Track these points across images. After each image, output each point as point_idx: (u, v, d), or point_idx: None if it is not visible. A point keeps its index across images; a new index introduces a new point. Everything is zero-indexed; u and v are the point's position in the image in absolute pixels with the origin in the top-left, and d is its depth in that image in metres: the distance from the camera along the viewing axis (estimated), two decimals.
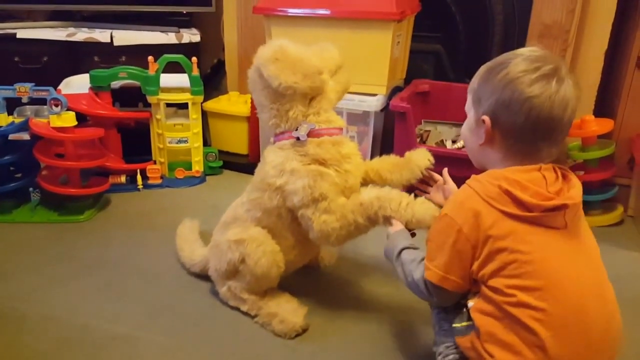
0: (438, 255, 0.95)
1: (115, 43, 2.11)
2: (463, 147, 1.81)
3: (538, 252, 0.89)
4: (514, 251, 0.88)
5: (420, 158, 1.26)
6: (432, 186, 1.27)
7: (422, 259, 1.00)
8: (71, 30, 2.14)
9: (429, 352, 1.15)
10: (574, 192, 0.93)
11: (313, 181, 1.13)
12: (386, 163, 1.28)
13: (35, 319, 1.22)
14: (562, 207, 0.91)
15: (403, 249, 1.06)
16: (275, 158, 1.18)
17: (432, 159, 1.26)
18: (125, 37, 2.13)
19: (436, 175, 1.26)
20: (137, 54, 2.06)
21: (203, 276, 1.36)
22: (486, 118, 0.95)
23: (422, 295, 1.01)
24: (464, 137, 1.06)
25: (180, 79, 1.93)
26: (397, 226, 1.11)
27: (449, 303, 0.99)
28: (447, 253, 0.93)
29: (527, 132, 0.92)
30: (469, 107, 1.02)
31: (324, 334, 1.20)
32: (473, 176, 1.00)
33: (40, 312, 1.24)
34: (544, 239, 0.90)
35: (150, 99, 1.89)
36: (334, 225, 1.13)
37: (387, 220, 1.12)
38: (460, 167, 1.67)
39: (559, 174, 0.95)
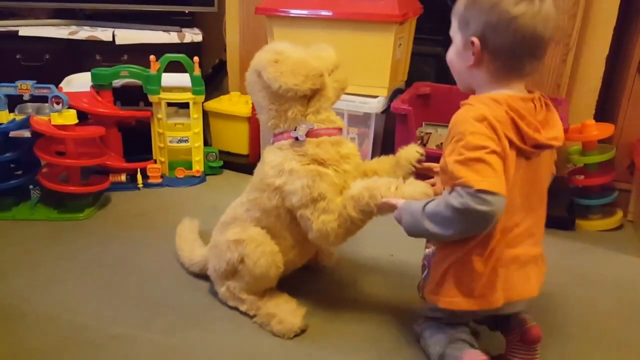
0: (479, 167, 0.92)
1: (117, 42, 2.11)
2: None
3: (512, 179, 0.96)
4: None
5: (409, 152, 1.25)
6: (433, 177, 1.25)
7: (451, 191, 0.94)
8: (73, 28, 2.15)
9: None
10: (557, 132, 1.02)
11: (312, 181, 1.13)
12: (384, 163, 1.28)
13: (34, 318, 1.22)
14: (547, 147, 0.99)
15: (424, 205, 1.00)
16: (274, 158, 1.19)
17: (421, 150, 1.25)
18: (127, 36, 2.13)
19: (432, 165, 1.24)
20: (139, 53, 2.06)
21: (202, 276, 1.36)
22: (475, 40, 0.98)
23: (469, 225, 0.94)
24: (451, 61, 1.08)
25: (182, 79, 1.93)
26: (400, 201, 1.06)
27: (486, 227, 0.94)
28: (488, 160, 0.92)
29: (514, 51, 0.97)
30: (454, 32, 1.05)
31: (323, 335, 1.20)
32: (473, 97, 1.03)
33: (39, 310, 1.24)
34: (517, 166, 0.97)
35: (152, 98, 1.89)
36: (333, 225, 1.13)
37: (385, 207, 1.08)
38: None
39: (543, 102, 1.02)
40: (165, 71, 1.88)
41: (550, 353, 1.17)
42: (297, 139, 1.17)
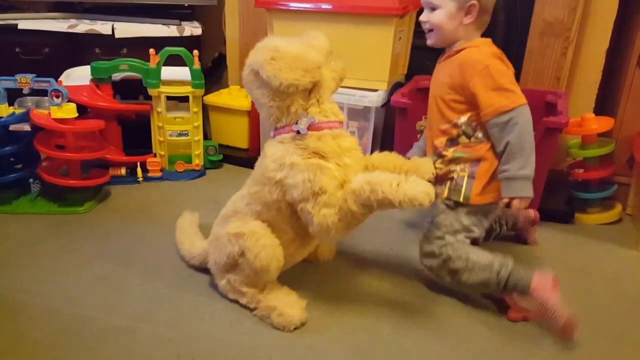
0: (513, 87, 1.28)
1: (117, 35, 2.11)
2: None
3: None
4: None
5: (425, 170, 1.28)
6: None
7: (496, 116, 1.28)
8: (72, 21, 2.14)
9: (427, 346, 1.16)
10: None
11: (313, 175, 1.13)
12: (388, 162, 1.28)
13: (35, 310, 1.22)
14: None
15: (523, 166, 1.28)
16: (275, 152, 1.19)
17: (435, 171, 1.33)
18: (127, 29, 2.12)
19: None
20: (139, 47, 2.06)
21: (202, 269, 1.36)
22: (475, 2, 1.29)
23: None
24: (440, 23, 1.32)
25: (182, 72, 1.93)
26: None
27: None
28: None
29: (490, 8, 1.33)
30: (442, 1, 1.31)
31: (323, 327, 1.20)
32: (472, 42, 1.34)
33: (40, 303, 1.25)
34: None
35: (151, 91, 1.89)
36: (334, 219, 1.13)
37: (383, 202, 1.09)
38: None
39: None
40: (164, 65, 1.88)
41: (549, 345, 1.18)
42: (298, 132, 1.17)
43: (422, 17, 1.37)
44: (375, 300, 1.30)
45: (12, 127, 1.62)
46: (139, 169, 1.91)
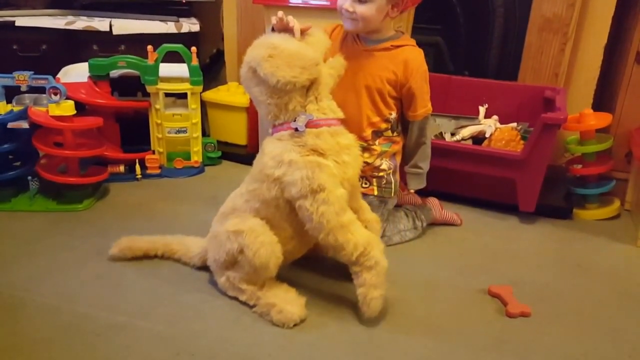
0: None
1: (115, 32, 2.10)
2: (462, 139, 1.82)
3: None
4: None
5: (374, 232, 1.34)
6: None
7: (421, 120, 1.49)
8: (70, 18, 2.13)
9: (427, 343, 1.16)
10: None
11: (311, 172, 1.13)
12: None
13: (34, 308, 1.22)
14: None
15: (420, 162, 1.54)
16: (273, 149, 1.19)
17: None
18: (125, 26, 2.12)
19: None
20: (136, 43, 2.05)
21: (201, 266, 1.36)
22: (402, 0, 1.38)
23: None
24: (370, 15, 1.36)
25: (180, 69, 1.93)
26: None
27: None
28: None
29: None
30: None
31: (322, 324, 1.21)
32: (407, 37, 1.48)
33: (39, 300, 1.25)
34: None
35: (149, 88, 1.89)
36: (332, 217, 1.13)
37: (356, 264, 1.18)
38: (459, 160, 1.69)
39: None
40: (162, 61, 1.87)
41: (546, 339, 1.18)
42: (296, 129, 1.16)
43: (347, 6, 1.36)
44: None
45: (10, 125, 1.61)
46: (137, 166, 1.91)
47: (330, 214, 1.13)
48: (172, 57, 1.88)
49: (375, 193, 1.50)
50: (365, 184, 1.50)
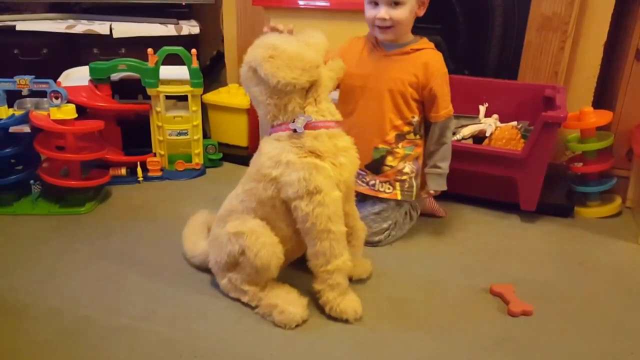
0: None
1: (115, 35, 2.11)
2: (463, 138, 1.82)
3: None
4: None
5: (363, 271, 1.38)
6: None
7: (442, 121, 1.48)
8: (70, 22, 2.14)
9: (428, 342, 1.16)
10: None
11: (308, 174, 1.14)
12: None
13: (37, 311, 1.23)
14: None
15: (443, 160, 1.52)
16: (271, 149, 1.19)
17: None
18: (125, 29, 2.12)
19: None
20: (137, 46, 2.06)
21: (203, 268, 1.37)
22: None
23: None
24: (404, 20, 1.39)
25: (180, 71, 1.93)
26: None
27: None
28: None
29: None
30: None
31: (324, 325, 1.21)
32: (426, 41, 1.49)
33: (42, 303, 1.25)
34: None
35: (150, 91, 1.89)
36: (326, 219, 1.15)
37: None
38: (460, 159, 1.68)
39: None
40: (163, 64, 1.88)
41: (548, 338, 1.18)
42: (295, 131, 1.17)
43: (382, 14, 1.38)
44: (376, 297, 1.31)
45: (12, 129, 1.62)
46: (139, 169, 1.91)
47: (323, 216, 1.14)
48: (173, 60, 1.89)
49: (399, 198, 1.51)
50: (389, 189, 1.51)
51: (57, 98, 1.58)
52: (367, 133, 1.47)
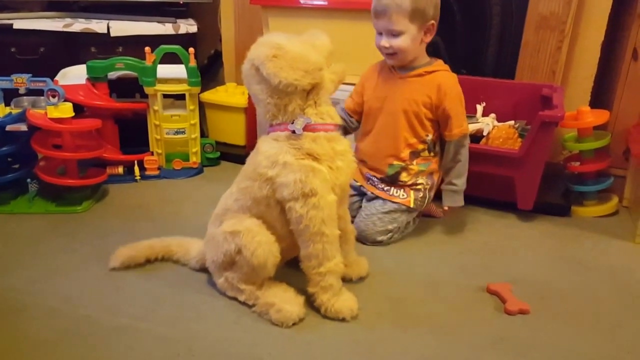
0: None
1: (112, 34, 2.10)
2: None
3: None
4: None
5: (361, 269, 1.38)
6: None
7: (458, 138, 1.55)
8: (68, 20, 2.14)
9: (426, 341, 1.16)
10: None
11: (305, 176, 1.14)
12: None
13: (35, 310, 1.23)
14: None
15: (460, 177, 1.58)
16: (268, 149, 1.19)
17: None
18: (122, 27, 2.12)
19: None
20: (134, 45, 2.06)
21: (201, 267, 1.37)
22: (434, 21, 1.45)
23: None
24: (407, 48, 1.45)
25: (177, 70, 1.93)
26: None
27: None
28: None
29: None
30: (404, 25, 1.42)
31: (321, 323, 1.21)
32: (440, 63, 1.53)
33: (40, 303, 1.25)
34: None
35: (147, 90, 1.89)
36: (319, 223, 1.15)
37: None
38: None
39: None
40: (160, 63, 1.88)
41: (545, 337, 1.18)
42: (294, 132, 1.17)
43: (383, 43, 1.47)
44: (374, 296, 1.31)
45: (8, 128, 1.62)
46: (136, 168, 1.91)
47: (317, 218, 1.14)
48: (170, 59, 1.89)
49: (412, 205, 1.56)
50: (403, 195, 1.56)
51: (54, 97, 1.58)
52: (383, 150, 1.57)
